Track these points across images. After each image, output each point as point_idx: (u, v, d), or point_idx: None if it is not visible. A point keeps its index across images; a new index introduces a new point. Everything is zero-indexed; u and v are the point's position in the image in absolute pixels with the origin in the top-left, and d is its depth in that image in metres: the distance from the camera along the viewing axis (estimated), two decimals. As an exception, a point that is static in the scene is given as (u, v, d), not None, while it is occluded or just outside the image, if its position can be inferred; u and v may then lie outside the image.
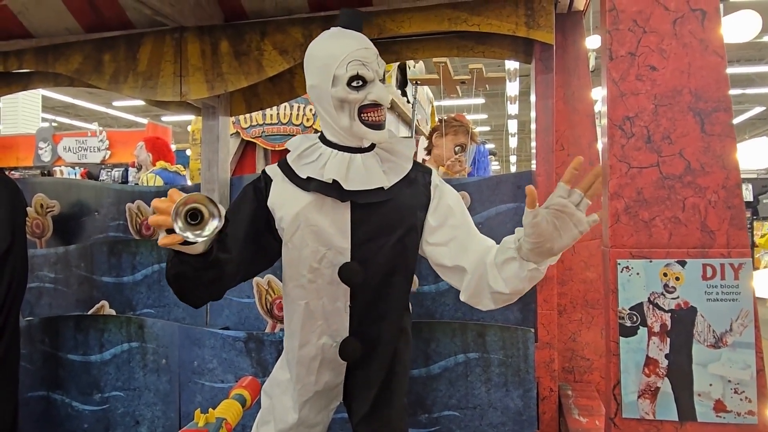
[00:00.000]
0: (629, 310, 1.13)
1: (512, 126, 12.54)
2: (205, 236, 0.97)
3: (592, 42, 5.35)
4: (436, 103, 6.95)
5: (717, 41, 1.11)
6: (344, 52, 1.29)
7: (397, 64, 4.86)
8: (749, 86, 14.16)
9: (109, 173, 7.66)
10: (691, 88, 1.12)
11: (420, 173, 1.42)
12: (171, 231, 0.98)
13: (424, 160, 3.39)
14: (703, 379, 1.10)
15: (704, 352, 1.10)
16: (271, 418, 1.49)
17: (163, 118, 15.64)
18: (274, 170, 1.40)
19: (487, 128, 20.30)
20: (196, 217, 0.97)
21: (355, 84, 1.28)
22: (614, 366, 1.13)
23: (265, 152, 4.46)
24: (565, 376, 1.90)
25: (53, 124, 8.98)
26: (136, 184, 4.59)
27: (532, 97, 1.86)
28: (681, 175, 1.12)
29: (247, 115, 4.40)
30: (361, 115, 1.30)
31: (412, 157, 1.43)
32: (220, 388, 1.89)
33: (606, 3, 1.16)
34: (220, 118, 2.23)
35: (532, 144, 1.91)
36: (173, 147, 5.63)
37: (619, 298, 1.13)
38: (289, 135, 4.23)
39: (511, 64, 6.64)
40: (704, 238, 1.11)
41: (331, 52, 1.30)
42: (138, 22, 2.07)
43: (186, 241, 0.98)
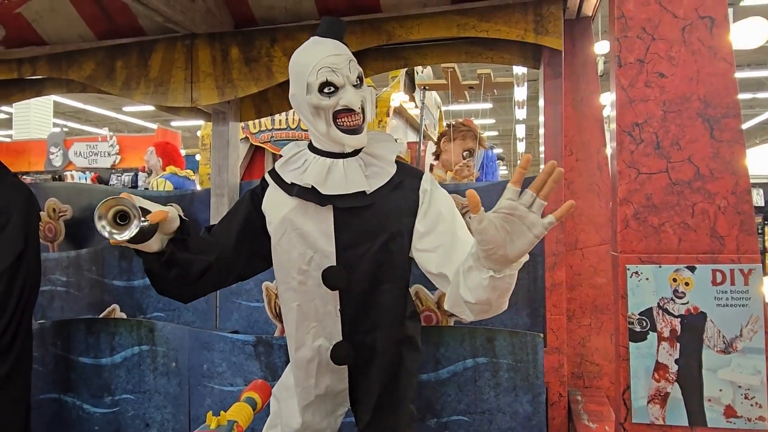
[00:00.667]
0: (639, 315, 1.13)
1: (520, 131, 12.53)
2: (125, 236, 1.05)
3: (600, 47, 5.35)
4: (443, 108, 6.97)
5: (725, 48, 1.12)
6: (315, 60, 1.32)
7: (405, 69, 4.88)
8: (760, 90, 14.07)
9: (119, 178, 7.74)
10: (700, 95, 1.13)
11: (408, 177, 1.40)
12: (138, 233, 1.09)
13: (432, 165, 3.40)
14: (713, 385, 1.09)
15: (714, 358, 1.09)
16: (279, 422, 1.50)
17: (173, 123, 15.75)
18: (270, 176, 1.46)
19: (495, 133, 20.29)
20: (125, 218, 1.06)
21: (326, 90, 1.32)
22: (624, 371, 1.14)
23: (274, 157, 4.49)
24: (574, 382, 1.89)
25: (64, 130, 9.09)
26: (146, 189, 4.63)
27: (541, 103, 1.86)
28: (690, 181, 1.13)
29: (256, 121, 4.43)
30: (337, 121, 1.33)
31: (407, 161, 1.44)
32: (230, 391, 1.91)
33: (615, 11, 1.17)
34: (230, 124, 2.25)
35: (541, 149, 1.92)
36: (183, 152, 5.67)
37: (628, 303, 1.14)
38: (297, 140, 4.26)
39: (519, 69, 6.65)
40: (714, 244, 1.11)
41: (304, 61, 1.35)
42: (150, 29, 2.10)
43: (132, 239, 1.08)
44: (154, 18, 1.82)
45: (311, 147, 1.42)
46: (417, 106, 5.25)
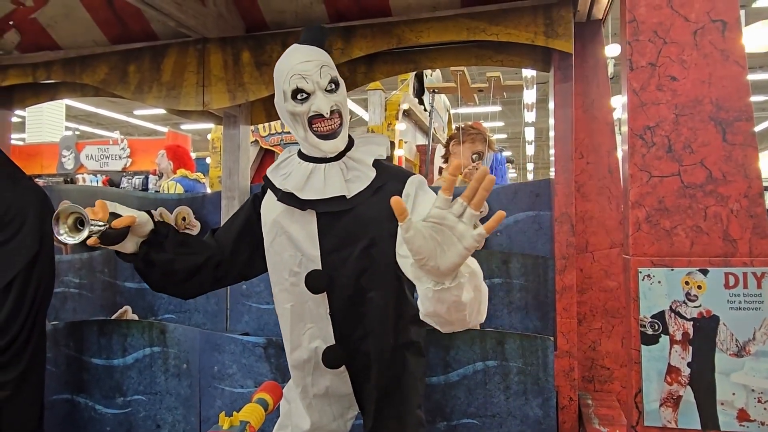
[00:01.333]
0: (651, 318, 1.13)
1: (529, 134, 12.50)
2: (76, 239, 1.20)
3: (610, 50, 5.33)
4: (452, 111, 6.97)
5: (738, 51, 1.11)
6: (287, 68, 1.36)
7: (414, 72, 4.89)
8: (772, 93, 13.94)
9: (130, 180, 7.80)
10: (712, 98, 1.13)
11: (391, 181, 1.39)
12: (105, 237, 1.26)
13: (441, 168, 3.40)
14: (726, 388, 1.09)
15: (727, 361, 1.09)
16: (289, 423, 1.51)
17: (183, 127, 15.86)
18: None
19: (504, 136, 20.25)
20: (83, 223, 1.21)
21: (299, 97, 1.35)
22: (636, 374, 1.13)
23: (284, 160, 4.50)
24: (585, 385, 1.89)
25: (76, 133, 9.18)
26: (157, 192, 4.66)
27: (551, 106, 1.86)
28: (702, 184, 1.12)
29: (266, 124, 4.45)
30: (312, 126, 1.36)
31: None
32: (240, 393, 1.92)
33: (626, 15, 1.17)
34: (241, 127, 2.27)
35: (551, 152, 1.92)
36: (193, 155, 5.71)
37: (640, 306, 1.13)
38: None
39: (529, 72, 6.64)
40: (726, 247, 1.10)
41: (279, 69, 1.39)
42: (162, 34, 2.12)
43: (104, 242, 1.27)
44: (167, 23, 1.84)
45: (299, 152, 1.47)
46: (426, 109, 5.26)
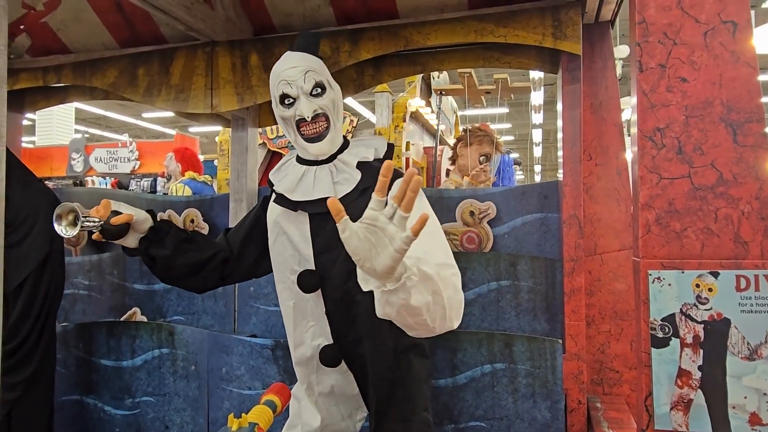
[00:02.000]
0: (661, 321, 1.12)
1: (537, 135, 12.47)
2: (70, 234, 1.33)
3: (619, 51, 5.31)
4: (460, 113, 6.96)
5: (749, 52, 1.11)
6: (275, 74, 1.43)
7: (422, 74, 4.89)
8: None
9: (139, 183, 7.84)
10: (723, 99, 1.12)
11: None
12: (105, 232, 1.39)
13: (449, 170, 3.40)
14: (738, 392, 1.08)
15: (738, 364, 1.08)
16: (299, 422, 1.51)
17: (191, 129, 15.94)
18: None
19: (511, 137, 20.21)
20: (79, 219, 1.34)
21: (286, 102, 1.41)
22: (646, 377, 1.12)
23: (291, 162, 4.50)
24: (593, 389, 1.88)
25: (85, 136, 9.24)
26: (166, 194, 4.68)
27: (559, 107, 1.86)
28: (713, 186, 1.12)
29: (273, 126, 4.46)
30: (299, 130, 1.42)
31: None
32: (248, 395, 1.92)
33: (635, 16, 1.16)
34: (249, 130, 2.28)
35: (559, 154, 1.91)
36: (201, 157, 5.74)
37: (650, 309, 1.13)
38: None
39: (536, 74, 6.62)
40: (738, 249, 1.09)
41: (271, 76, 1.46)
42: (171, 37, 2.14)
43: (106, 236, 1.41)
44: (176, 26, 1.85)
45: (297, 155, 1.52)
46: (433, 111, 5.25)
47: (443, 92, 4.80)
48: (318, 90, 1.40)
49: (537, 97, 8.40)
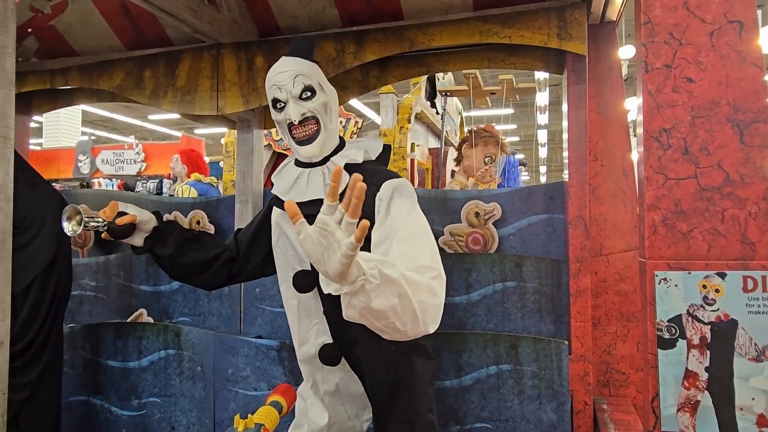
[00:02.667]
0: (668, 322, 1.12)
1: (542, 136, 12.44)
2: (75, 233, 1.43)
3: (625, 51, 5.30)
4: (465, 114, 6.95)
5: (755, 52, 1.10)
6: (268, 79, 1.46)
7: (427, 75, 4.89)
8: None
9: (145, 184, 7.87)
10: (729, 100, 1.11)
11: (369, 184, 1.35)
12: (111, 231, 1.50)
13: (454, 171, 3.39)
14: (745, 393, 1.07)
15: (746, 366, 1.07)
16: (305, 421, 1.52)
17: (196, 131, 16.00)
18: None
19: (517, 138, 20.17)
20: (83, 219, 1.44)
21: (278, 106, 1.44)
22: (653, 378, 1.12)
23: (296, 164, 4.51)
24: (600, 390, 1.87)
25: (92, 138, 9.28)
26: (171, 196, 4.70)
27: (565, 108, 1.85)
28: (720, 187, 1.11)
29: (279, 128, 4.45)
30: (291, 133, 1.44)
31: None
32: (254, 395, 1.92)
33: (641, 16, 1.16)
34: (255, 131, 2.28)
35: (564, 154, 1.90)
36: (207, 159, 5.76)
37: (657, 310, 1.12)
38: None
39: (541, 74, 6.61)
40: (745, 250, 1.09)
41: (265, 81, 1.48)
42: (177, 40, 2.15)
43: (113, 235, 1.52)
44: (182, 28, 1.86)
45: (295, 158, 1.55)
46: (438, 113, 5.25)
47: (448, 93, 4.80)
48: (307, 94, 1.42)
49: (542, 98, 8.39)
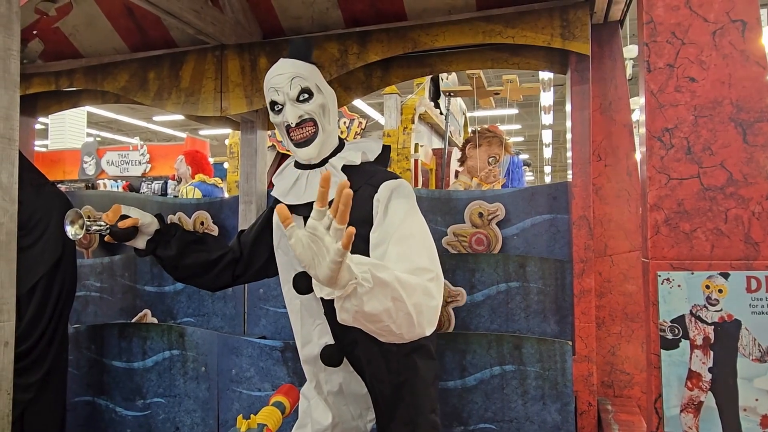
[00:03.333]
0: (670, 322, 1.11)
1: (546, 136, 12.41)
2: (77, 236, 1.46)
3: (628, 51, 5.28)
4: (468, 114, 6.95)
5: (758, 51, 1.10)
6: (266, 82, 1.47)
7: (430, 76, 4.89)
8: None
9: (150, 186, 7.90)
10: (732, 99, 1.11)
11: (365, 185, 1.39)
12: (114, 234, 1.56)
13: (458, 172, 3.39)
14: (749, 394, 1.07)
15: (749, 366, 1.07)
16: (308, 421, 1.52)
17: (201, 132, 16.04)
18: None
19: (521, 139, 20.14)
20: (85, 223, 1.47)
21: (276, 109, 1.45)
22: (656, 379, 1.12)
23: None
24: (604, 391, 1.87)
25: (97, 139, 9.33)
26: (176, 197, 4.72)
27: (568, 108, 1.85)
28: (723, 187, 1.11)
29: (283, 129, 4.46)
30: (289, 135, 1.44)
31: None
32: (257, 396, 1.93)
33: (643, 16, 1.16)
34: (258, 132, 2.29)
35: (568, 155, 1.90)
36: (211, 160, 5.78)
37: (660, 311, 1.12)
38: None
39: (545, 74, 6.60)
40: (748, 250, 1.08)
41: (264, 84, 1.49)
42: (181, 41, 2.16)
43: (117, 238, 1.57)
44: (186, 30, 1.87)
45: (295, 159, 1.55)
46: (442, 113, 5.25)
47: (452, 94, 4.80)
48: (305, 96, 1.42)
49: (546, 98, 8.37)
